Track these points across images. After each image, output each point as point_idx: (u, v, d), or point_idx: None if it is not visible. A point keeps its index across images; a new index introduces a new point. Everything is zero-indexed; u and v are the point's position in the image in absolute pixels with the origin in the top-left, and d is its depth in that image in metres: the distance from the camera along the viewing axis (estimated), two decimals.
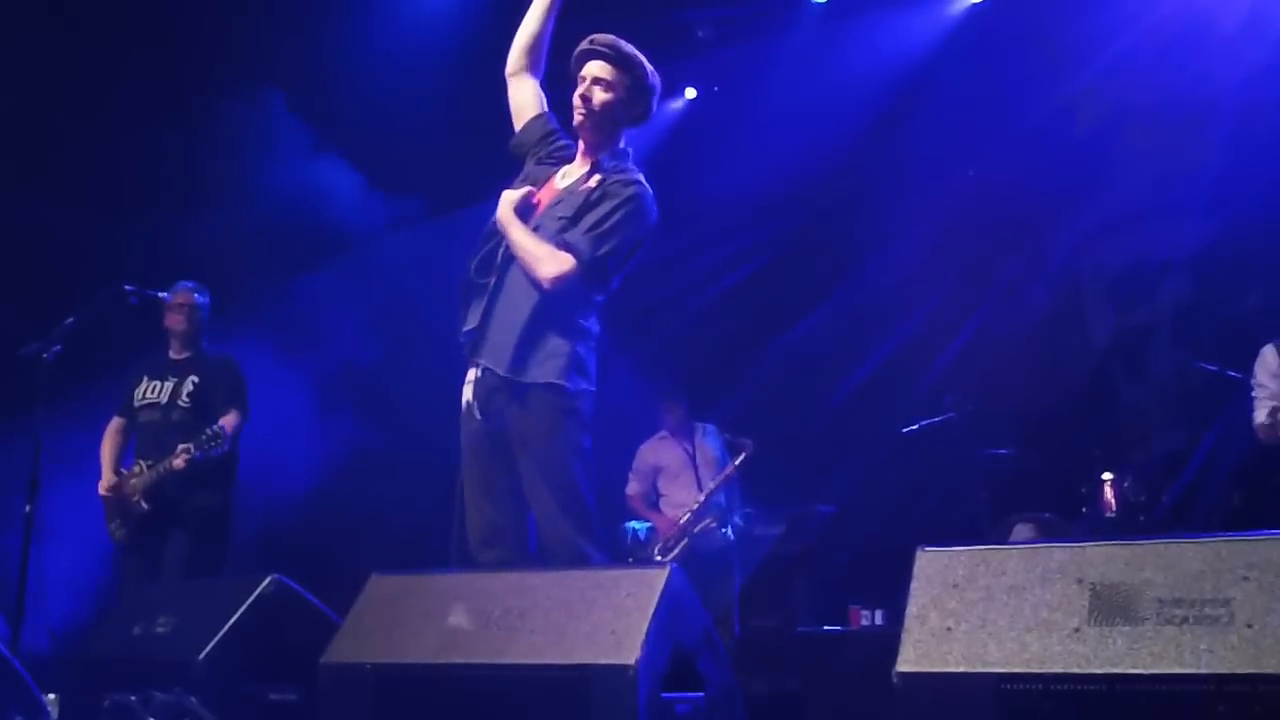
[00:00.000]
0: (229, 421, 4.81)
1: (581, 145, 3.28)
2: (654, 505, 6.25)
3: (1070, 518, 5.14)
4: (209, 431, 4.59)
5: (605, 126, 3.22)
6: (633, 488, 6.33)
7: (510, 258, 3.16)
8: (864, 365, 6.28)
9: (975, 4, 6.65)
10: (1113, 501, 4.93)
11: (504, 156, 3.50)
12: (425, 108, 6.28)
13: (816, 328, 6.18)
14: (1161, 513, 4.89)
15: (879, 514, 5.56)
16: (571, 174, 3.28)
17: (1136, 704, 2.45)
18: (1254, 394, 4.33)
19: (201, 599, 3.78)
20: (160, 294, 4.97)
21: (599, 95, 3.18)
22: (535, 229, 3.16)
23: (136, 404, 4.99)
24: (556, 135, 3.36)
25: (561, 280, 3.07)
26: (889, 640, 2.77)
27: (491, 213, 3.22)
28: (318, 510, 6.12)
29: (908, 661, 2.66)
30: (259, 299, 5.92)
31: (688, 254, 6.07)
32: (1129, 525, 4.86)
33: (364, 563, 3.57)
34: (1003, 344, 6.05)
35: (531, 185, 3.25)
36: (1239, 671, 2.37)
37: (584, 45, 3.24)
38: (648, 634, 2.90)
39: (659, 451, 6.32)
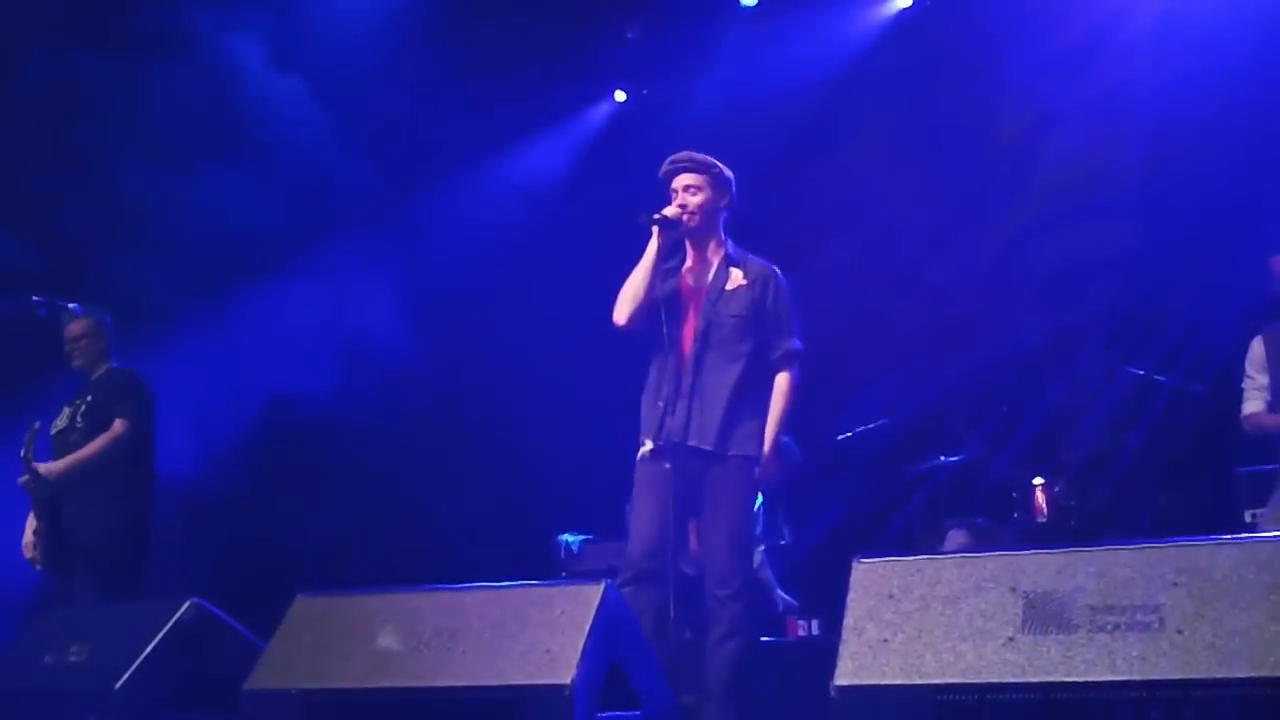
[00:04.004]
0: (114, 430, 4.64)
1: (694, 243, 3.93)
2: None
3: (1003, 522, 5.19)
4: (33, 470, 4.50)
5: (707, 222, 3.87)
6: None
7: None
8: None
9: (902, 9, 6.71)
10: (1044, 505, 4.98)
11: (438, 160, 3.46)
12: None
13: None
14: (1092, 516, 4.95)
15: (813, 522, 5.57)
16: (703, 272, 3.90)
17: (1071, 712, 2.46)
18: (1243, 385, 4.39)
19: (117, 625, 3.65)
20: (70, 305, 4.77)
21: (694, 199, 3.84)
22: (707, 326, 3.81)
23: (51, 435, 4.85)
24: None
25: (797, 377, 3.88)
26: (826, 651, 2.76)
27: None
28: (239, 530, 5.97)
29: (846, 674, 2.65)
30: (183, 315, 5.76)
31: (619, 264, 6.03)
32: (1061, 529, 4.92)
33: (288, 583, 3.47)
34: (933, 348, 6.09)
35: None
36: (1170, 678, 2.39)
37: (667, 166, 3.89)
38: (583, 652, 2.86)
39: None
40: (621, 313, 3.86)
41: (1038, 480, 5.04)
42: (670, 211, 3.82)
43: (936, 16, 6.53)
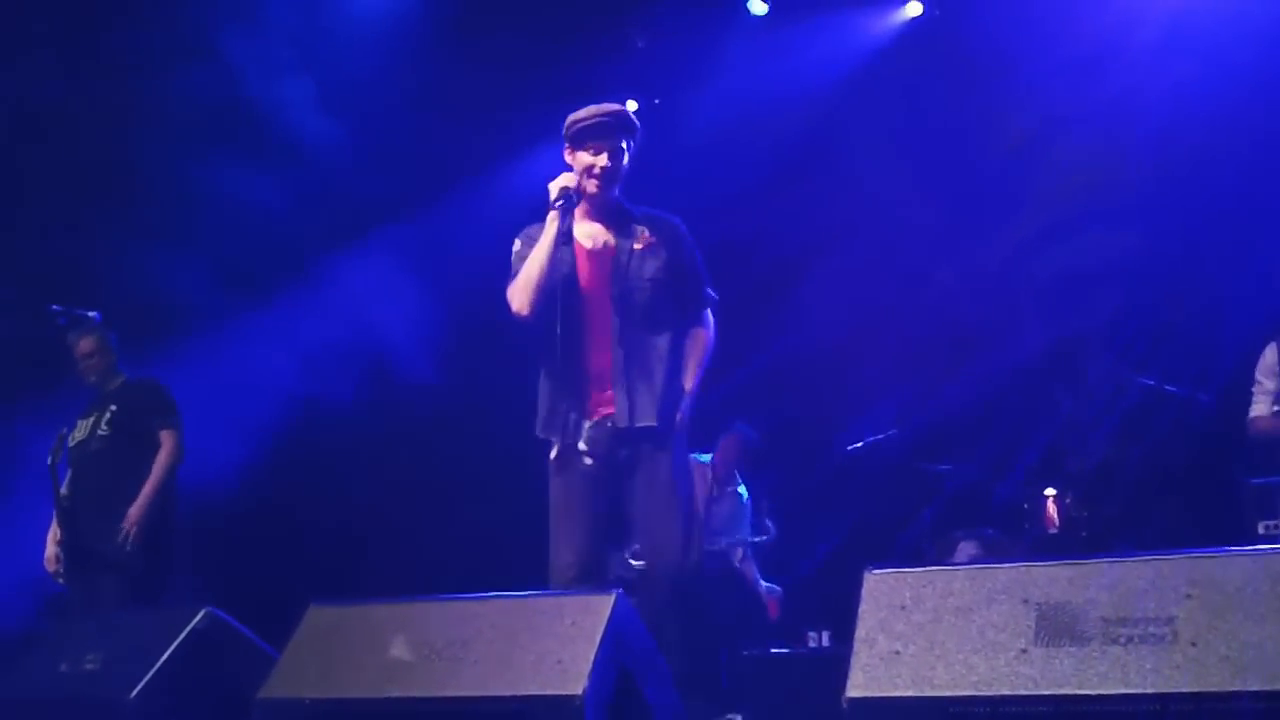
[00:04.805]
0: (168, 446, 4.73)
1: (588, 206, 3.53)
2: None
3: (1013, 533, 5.19)
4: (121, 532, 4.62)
5: (616, 184, 3.51)
6: None
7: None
8: (803, 382, 6.27)
9: (911, 19, 6.73)
10: (1055, 516, 4.98)
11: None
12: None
13: (754, 343, 6.16)
14: (1103, 527, 4.94)
15: (823, 533, 5.58)
16: (601, 233, 3.51)
17: None
18: (1252, 389, 4.43)
19: (132, 634, 3.66)
20: (90, 313, 4.90)
21: (614, 163, 3.46)
22: (623, 294, 3.43)
23: (69, 449, 4.91)
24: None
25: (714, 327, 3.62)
26: (837, 663, 2.76)
27: None
28: (253, 538, 5.98)
29: (857, 686, 2.64)
30: (199, 322, 5.79)
31: None
32: (1071, 540, 4.91)
33: (301, 593, 3.48)
34: (943, 357, 6.09)
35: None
36: (1183, 691, 2.39)
37: (582, 124, 3.49)
38: (594, 663, 2.86)
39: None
40: (523, 300, 3.43)
41: (1049, 491, 5.03)
42: (569, 181, 3.44)
43: (946, 25, 6.55)
